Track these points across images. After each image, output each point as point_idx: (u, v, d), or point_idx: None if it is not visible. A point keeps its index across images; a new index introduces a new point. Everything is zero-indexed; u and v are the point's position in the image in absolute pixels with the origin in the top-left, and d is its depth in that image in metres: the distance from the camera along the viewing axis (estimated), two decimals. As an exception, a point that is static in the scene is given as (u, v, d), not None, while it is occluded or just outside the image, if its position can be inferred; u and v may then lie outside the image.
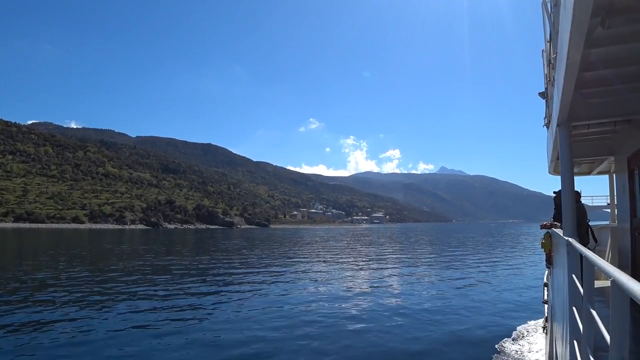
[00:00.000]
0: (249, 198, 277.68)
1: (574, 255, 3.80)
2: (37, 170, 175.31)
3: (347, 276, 26.72)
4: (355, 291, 21.00)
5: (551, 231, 7.09)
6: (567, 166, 5.36)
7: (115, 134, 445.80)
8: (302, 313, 15.88)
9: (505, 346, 11.92)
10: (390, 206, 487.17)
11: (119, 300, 17.93)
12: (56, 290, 19.77)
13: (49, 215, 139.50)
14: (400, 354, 11.32)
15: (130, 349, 11.39)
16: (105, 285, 21.69)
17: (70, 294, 18.84)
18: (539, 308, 14.65)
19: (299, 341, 12.29)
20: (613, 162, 10.41)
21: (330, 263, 35.28)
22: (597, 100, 5.82)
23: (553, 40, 5.44)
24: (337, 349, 11.58)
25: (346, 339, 12.56)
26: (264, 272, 28.22)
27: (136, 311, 15.80)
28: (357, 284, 23.51)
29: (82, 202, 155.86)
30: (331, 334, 13.12)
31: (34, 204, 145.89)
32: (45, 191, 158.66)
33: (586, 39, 3.44)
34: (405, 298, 19.00)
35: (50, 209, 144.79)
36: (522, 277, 26.25)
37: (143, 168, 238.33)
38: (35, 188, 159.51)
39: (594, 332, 2.63)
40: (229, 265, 32.32)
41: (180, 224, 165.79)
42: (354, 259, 39.73)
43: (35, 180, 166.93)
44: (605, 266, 1.97)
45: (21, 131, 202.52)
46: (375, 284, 23.51)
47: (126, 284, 22.10)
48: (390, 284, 23.61)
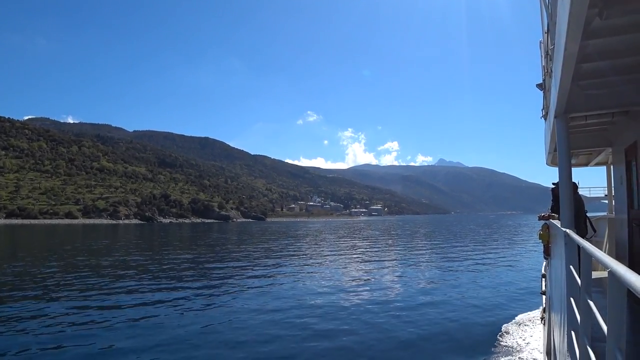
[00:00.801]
0: (247, 191, 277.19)
1: (572, 246, 3.83)
2: (30, 166, 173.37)
3: (341, 269, 26.59)
4: (350, 283, 21.10)
5: (549, 222, 7.04)
6: (564, 158, 5.34)
7: (112, 128, 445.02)
8: (294, 307, 15.89)
9: (503, 336, 12.08)
10: (388, 198, 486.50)
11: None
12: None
13: (42, 211, 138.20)
14: (398, 345, 11.45)
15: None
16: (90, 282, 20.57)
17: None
18: (536, 299, 14.71)
19: (301, 337, 12.21)
20: (610, 153, 10.49)
21: (322, 256, 35.06)
22: (594, 92, 5.78)
23: (550, 32, 5.38)
24: (337, 340, 11.77)
25: (340, 330, 12.71)
26: (248, 267, 27.61)
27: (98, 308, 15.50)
28: (351, 276, 23.46)
29: (76, 197, 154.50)
30: (328, 323, 13.37)
31: (26, 200, 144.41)
32: (39, 186, 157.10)
33: (584, 30, 3.46)
34: (402, 289, 19.20)
35: (43, 205, 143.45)
36: (519, 268, 26.45)
37: (139, 162, 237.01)
38: (28, 184, 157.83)
39: (591, 323, 2.65)
40: (213, 260, 31.76)
41: (175, 218, 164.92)
42: (347, 251, 39.42)
43: (28, 175, 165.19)
44: (602, 257, 1.98)
45: (15, 126, 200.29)
46: (367, 276, 23.49)
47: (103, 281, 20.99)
48: (385, 275, 23.64)
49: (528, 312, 14.59)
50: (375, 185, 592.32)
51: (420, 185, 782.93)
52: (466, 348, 11.21)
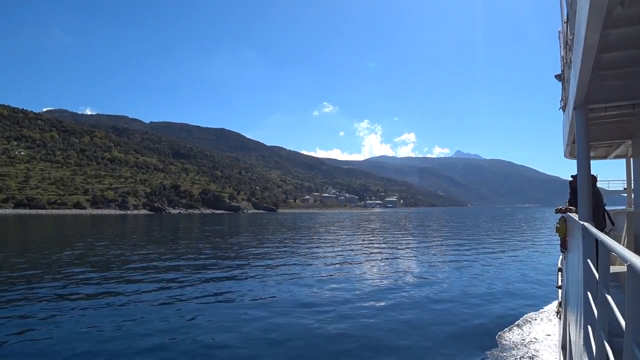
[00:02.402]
0: (261, 182, 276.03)
1: (590, 239, 3.80)
2: (41, 156, 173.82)
3: (347, 262, 25.82)
4: (357, 277, 20.50)
5: (566, 215, 6.83)
6: (583, 150, 5.30)
7: (129, 119, 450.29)
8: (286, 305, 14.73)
9: (518, 330, 11.85)
10: (404, 190, 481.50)
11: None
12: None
13: (50, 201, 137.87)
14: (416, 338, 11.16)
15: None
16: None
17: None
18: (552, 293, 14.23)
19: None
20: (630, 145, 10.13)
21: (323, 248, 34.25)
22: (615, 83, 5.68)
23: (570, 21, 5.28)
24: (338, 335, 11.32)
25: (348, 325, 12.17)
26: (234, 258, 26.24)
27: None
28: (357, 270, 22.77)
29: (85, 188, 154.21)
30: (335, 318, 12.85)
31: (35, 190, 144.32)
32: (48, 177, 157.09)
33: (605, 19, 3.44)
34: (418, 284, 18.66)
35: (51, 195, 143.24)
36: (535, 262, 25.95)
37: (151, 153, 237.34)
38: (38, 174, 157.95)
39: (608, 318, 2.58)
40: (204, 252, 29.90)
41: (185, 208, 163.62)
42: (356, 244, 38.16)
43: (38, 165, 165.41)
44: (621, 251, 1.94)
45: (28, 117, 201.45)
46: (377, 270, 22.90)
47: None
48: (398, 270, 22.97)
49: (544, 306, 14.31)
50: (391, 177, 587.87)
51: (437, 177, 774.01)
52: (480, 341, 10.91)
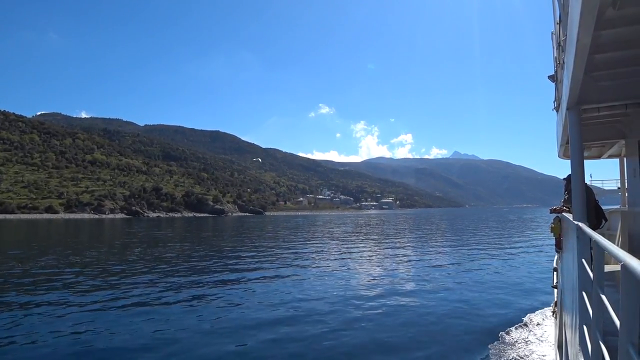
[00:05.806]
0: (253, 185, 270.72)
1: (584, 239, 3.85)
2: (17, 159, 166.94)
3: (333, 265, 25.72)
4: (357, 277, 20.85)
5: (561, 215, 6.93)
6: (576, 150, 5.35)
7: (123, 122, 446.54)
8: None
9: (514, 331, 11.96)
10: (401, 191, 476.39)
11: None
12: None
13: (20, 205, 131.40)
14: (408, 341, 11.21)
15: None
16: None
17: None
18: (548, 293, 14.49)
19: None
20: (624, 145, 10.18)
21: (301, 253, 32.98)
22: (607, 83, 5.76)
23: (563, 22, 5.33)
24: (339, 335, 11.50)
25: (344, 328, 12.19)
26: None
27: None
28: (357, 270, 23.21)
29: (60, 191, 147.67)
30: (335, 318, 13.09)
31: (5, 194, 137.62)
32: (21, 180, 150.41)
33: (597, 20, 3.46)
34: (412, 286, 18.69)
35: (23, 199, 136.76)
36: (531, 262, 26.26)
37: (138, 155, 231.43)
38: (11, 177, 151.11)
39: (603, 317, 2.59)
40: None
41: (165, 212, 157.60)
42: (340, 248, 37.08)
43: (13, 168, 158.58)
44: (615, 250, 1.94)
45: (8, 119, 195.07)
46: (375, 271, 23.04)
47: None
48: (391, 271, 22.99)
49: (539, 306, 14.49)
50: (388, 178, 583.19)
51: (434, 178, 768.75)
52: (477, 342, 11.01)
